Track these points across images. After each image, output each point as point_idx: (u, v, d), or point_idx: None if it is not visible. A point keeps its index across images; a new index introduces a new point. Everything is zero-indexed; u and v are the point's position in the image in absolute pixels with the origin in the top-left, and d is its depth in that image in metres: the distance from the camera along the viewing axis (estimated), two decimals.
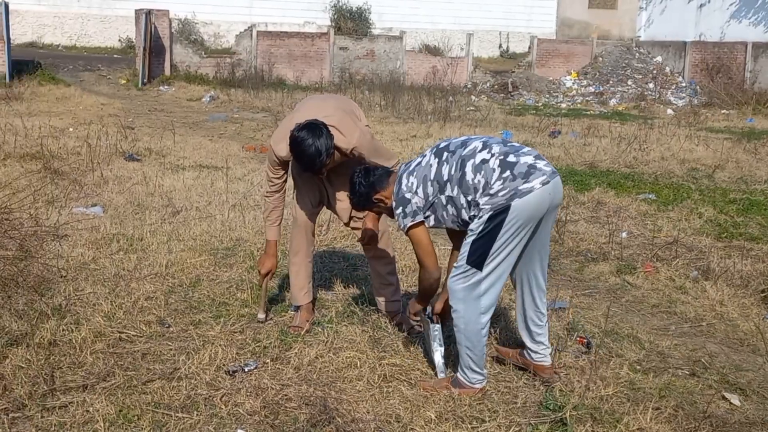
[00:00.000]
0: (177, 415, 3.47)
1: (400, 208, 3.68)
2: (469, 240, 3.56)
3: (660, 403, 3.75)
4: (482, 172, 3.52)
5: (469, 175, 3.54)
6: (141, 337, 4.35)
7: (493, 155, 3.55)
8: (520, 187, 3.45)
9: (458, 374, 3.77)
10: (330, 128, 4.03)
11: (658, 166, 10.98)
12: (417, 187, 3.66)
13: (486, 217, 3.49)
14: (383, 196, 3.79)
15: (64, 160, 9.50)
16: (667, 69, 27.01)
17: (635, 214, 8.07)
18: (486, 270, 3.55)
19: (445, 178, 3.61)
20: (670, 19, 28.17)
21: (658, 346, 4.57)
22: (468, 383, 3.73)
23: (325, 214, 7.16)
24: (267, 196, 4.46)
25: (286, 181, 4.44)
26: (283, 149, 4.17)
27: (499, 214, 3.47)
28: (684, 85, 25.80)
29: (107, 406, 3.50)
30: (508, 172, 3.48)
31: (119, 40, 26.94)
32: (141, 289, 5.04)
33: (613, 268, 6.16)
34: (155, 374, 3.87)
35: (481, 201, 3.51)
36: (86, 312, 4.62)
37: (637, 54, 27.86)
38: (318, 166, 4.04)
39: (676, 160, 11.41)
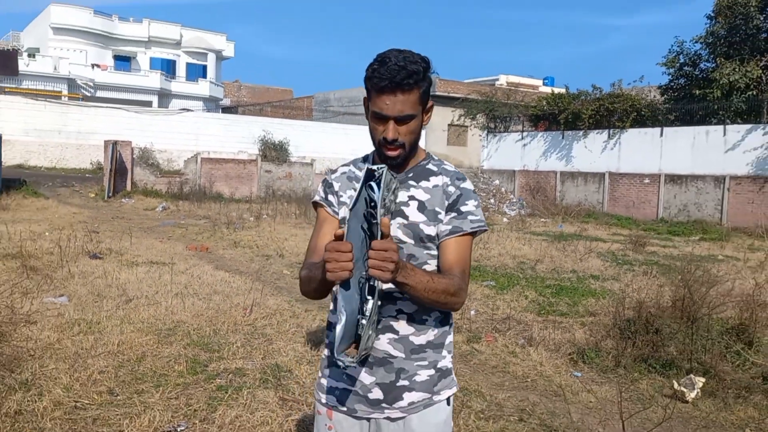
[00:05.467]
0: None
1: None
2: None
3: None
4: None
5: None
6: (93, 404, 4.05)
7: None
8: None
9: None
10: None
11: (497, 260, 11.31)
12: None
13: None
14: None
15: (39, 259, 8.96)
16: (503, 189, 28.27)
17: (480, 296, 8.23)
18: None
19: None
20: (503, 154, 29.67)
21: (496, 398, 4.60)
22: None
23: (248, 299, 7.05)
24: None
25: None
26: None
27: None
28: (515, 200, 26.98)
29: None
30: None
31: (90, 163, 26.20)
32: (95, 365, 4.73)
33: (464, 338, 6.22)
34: None
35: None
36: (48, 385, 4.29)
37: (482, 178, 29.09)
38: None
39: (509, 256, 11.78)
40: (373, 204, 1.57)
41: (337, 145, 29.96)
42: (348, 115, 36.04)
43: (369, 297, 1.60)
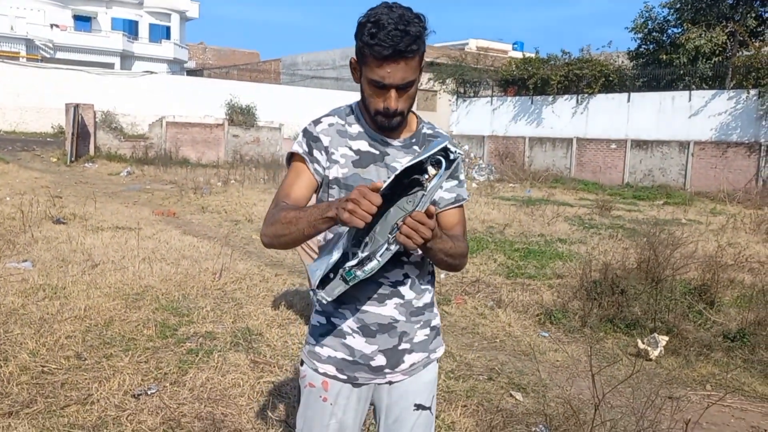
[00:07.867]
0: None
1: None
2: None
3: (467, 401, 3.82)
4: None
5: None
6: (61, 369, 3.99)
7: None
8: None
9: None
10: None
11: (466, 224, 11.33)
12: None
13: None
14: None
15: (1, 224, 8.72)
16: (472, 155, 28.30)
17: None
18: None
19: None
20: (473, 119, 29.67)
21: (465, 359, 4.67)
22: None
23: (217, 263, 6.99)
24: None
25: None
26: None
27: None
28: (484, 166, 27.05)
29: (29, 429, 3.18)
30: None
31: (52, 127, 25.46)
32: (62, 330, 4.65)
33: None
34: (72, 400, 3.56)
35: None
36: (14, 350, 4.21)
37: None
38: None
39: (478, 221, 11.83)
40: (426, 177, 1.55)
41: (306, 109, 29.59)
42: (316, 79, 35.56)
43: (379, 258, 1.54)
